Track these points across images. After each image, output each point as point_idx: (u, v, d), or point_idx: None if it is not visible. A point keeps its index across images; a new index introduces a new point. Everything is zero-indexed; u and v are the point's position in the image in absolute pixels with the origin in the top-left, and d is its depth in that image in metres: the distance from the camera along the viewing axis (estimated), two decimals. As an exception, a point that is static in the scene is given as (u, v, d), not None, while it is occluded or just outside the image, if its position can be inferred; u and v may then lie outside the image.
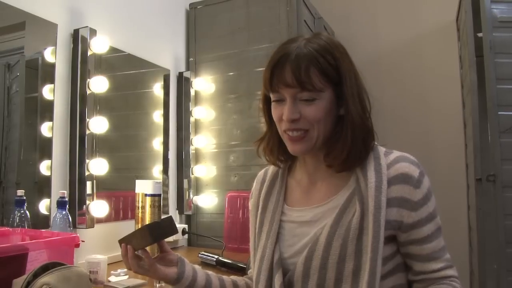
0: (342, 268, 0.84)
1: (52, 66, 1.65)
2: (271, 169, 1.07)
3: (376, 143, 0.94)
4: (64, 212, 1.45)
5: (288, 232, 0.95)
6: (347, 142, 0.88)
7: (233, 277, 1.08)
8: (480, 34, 2.05)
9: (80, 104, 1.70)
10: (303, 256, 0.87)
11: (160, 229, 0.94)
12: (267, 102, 0.96)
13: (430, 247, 0.87)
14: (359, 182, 0.88)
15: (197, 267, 1.02)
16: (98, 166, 1.72)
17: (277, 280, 0.89)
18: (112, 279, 1.46)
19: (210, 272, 1.04)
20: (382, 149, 0.92)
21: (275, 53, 0.89)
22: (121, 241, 0.97)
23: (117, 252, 0.94)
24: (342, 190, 0.91)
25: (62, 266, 1.00)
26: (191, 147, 2.36)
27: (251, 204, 1.08)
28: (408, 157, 0.90)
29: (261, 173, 1.11)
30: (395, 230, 0.87)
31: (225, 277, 1.06)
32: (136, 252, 0.95)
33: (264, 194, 1.02)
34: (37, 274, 0.97)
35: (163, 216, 1.80)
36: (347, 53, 0.91)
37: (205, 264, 1.75)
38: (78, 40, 1.73)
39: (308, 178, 0.98)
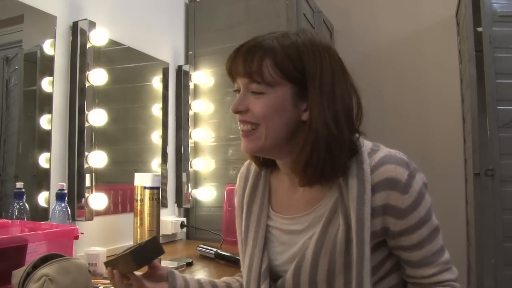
0: (333, 283, 0.82)
1: (51, 58, 1.64)
2: (253, 164, 1.01)
3: (361, 139, 0.86)
4: (63, 205, 1.45)
5: (276, 239, 0.92)
6: (304, 152, 0.81)
7: (226, 278, 1.06)
8: (479, 29, 2.05)
9: (79, 96, 1.70)
10: (291, 269, 0.85)
11: (144, 253, 0.90)
12: None
13: (421, 254, 0.83)
14: (342, 191, 0.83)
15: (189, 277, 0.99)
16: (97, 159, 1.72)
17: None
18: (111, 271, 1.46)
19: (202, 279, 1.01)
20: (367, 147, 0.85)
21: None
22: (106, 264, 0.94)
23: (116, 245, 0.94)
24: (326, 197, 0.86)
25: (62, 258, 1.01)
26: (190, 141, 2.36)
27: (236, 202, 1.04)
28: (394, 156, 0.82)
29: (243, 168, 1.06)
30: (383, 236, 0.84)
31: (218, 281, 1.03)
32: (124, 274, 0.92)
33: (248, 196, 0.98)
34: (36, 266, 0.97)
35: (161, 210, 1.81)
36: (328, 54, 0.83)
37: (204, 257, 1.76)
38: (77, 33, 1.72)
39: (289, 180, 0.93)
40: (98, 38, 1.77)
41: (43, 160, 1.60)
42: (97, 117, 1.73)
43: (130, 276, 0.92)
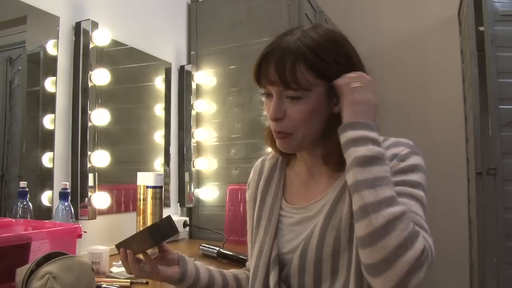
0: (337, 260, 0.83)
1: (54, 59, 1.65)
2: (269, 159, 1.05)
3: None
4: (66, 204, 1.46)
5: (286, 227, 0.94)
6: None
7: (233, 270, 1.08)
8: (481, 28, 2.05)
9: (82, 96, 1.71)
10: (299, 250, 0.87)
11: (160, 230, 0.91)
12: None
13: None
14: None
15: (198, 263, 1.01)
16: (100, 158, 1.73)
17: (273, 278, 0.89)
18: (114, 270, 1.47)
19: (211, 267, 1.03)
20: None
21: (266, 46, 0.86)
22: (118, 246, 0.94)
23: (119, 243, 0.95)
24: (336, 182, 0.89)
25: (65, 256, 1.01)
26: (193, 140, 2.37)
27: (248, 195, 1.06)
28: (401, 141, 0.87)
29: (258, 163, 1.08)
30: None
31: (226, 271, 1.05)
32: (136, 256, 0.93)
33: (262, 187, 1.00)
34: (40, 263, 0.98)
35: (164, 210, 1.82)
36: (347, 44, 0.88)
37: (206, 256, 1.77)
38: (80, 33, 1.73)
39: (307, 171, 0.96)
40: (100, 38, 1.78)
41: (46, 159, 1.61)
42: (100, 117, 1.74)
43: (144, 256, 0.93)
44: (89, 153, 1.70)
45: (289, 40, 0.84)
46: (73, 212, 1.50)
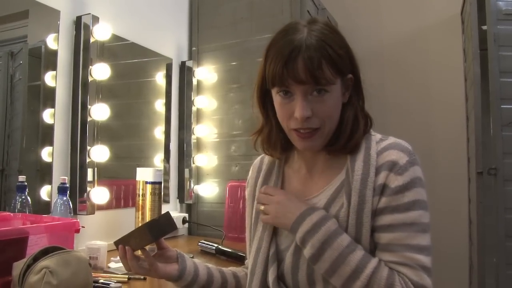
0: None
1: (55, 53, 1.65)
2: (267, 157, 1.04)
3: (371, 130, 0.92)
4: (64, 198, 1.46)
5: None
6: (357, 133, 0.88)
7: (232, 268, 1.08)
8: (484, 27, 2.04)
9: (82, 91, 1.70)
10: (292, 247, 0.87)
11: (159, 226, 0.91)
12: (262, 94, 0.94)
13: (388, 237, 0.80)
14: (348, 173, 0.86)
15: (197, 261, 1.02)
16: (99, 153, 1.72)
17: (271, 274, 0.89)
18: (112, 265, 1.47)
19: (210, 265, 1.04)
20: (377, 137, 0.90)
21: (283, 46, 0.83)
22: (117, 243, 0.94)
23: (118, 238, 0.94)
24: (334, 180, 0.90)
25: (62, 250, 1.01)
26: (193, 137, 2.37)
27: (247, 193, 1.07)
28: (399, 144, 0.86)
29: (257, 161, 1.09)
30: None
31: (225, 269, 1.06)
32: (134, 253, 0.93)
33: (261, 184, 1.01)
34: (37, 258, 0.98)
35: (163, 206, 1.81)
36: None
37: (204, 252, 1.77)
38: (80, 27, 1.73)
39: (306, 167, 0.96)
40: (101, 33, 1.77)
41: (46, 154, 1.61)
42: (100, 112, 1.74)
43: (143, 253, 0.93)
44: (88, 148, 1.69)
45: (304, 37, 0.82)
46: (71, 206, 1.49)
